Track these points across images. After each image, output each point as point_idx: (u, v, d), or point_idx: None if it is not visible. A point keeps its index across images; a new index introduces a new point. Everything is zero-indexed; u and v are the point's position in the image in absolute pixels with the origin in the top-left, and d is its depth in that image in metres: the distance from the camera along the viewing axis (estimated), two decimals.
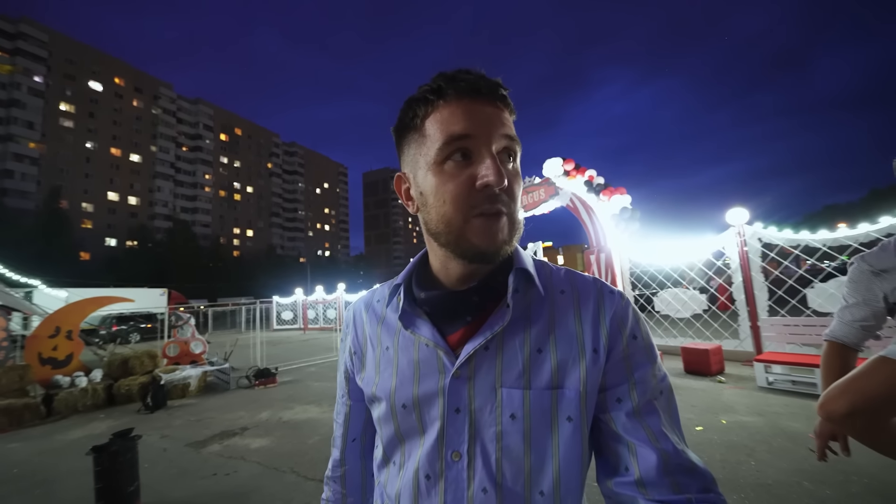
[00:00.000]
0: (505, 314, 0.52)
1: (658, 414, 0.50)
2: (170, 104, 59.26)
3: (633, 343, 0.54)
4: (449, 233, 0.51)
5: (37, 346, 6.41)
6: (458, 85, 0.49)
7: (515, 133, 0.52)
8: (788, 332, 5.23)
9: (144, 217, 53.70)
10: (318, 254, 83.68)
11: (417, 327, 0.57)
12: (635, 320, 0.55)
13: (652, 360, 0.54)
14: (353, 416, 0.69)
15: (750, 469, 2.85)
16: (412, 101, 0.52)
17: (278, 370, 7.47)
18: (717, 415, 4.00)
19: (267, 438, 4.29)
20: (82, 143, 48.69)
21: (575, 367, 0.52)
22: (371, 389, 0.61)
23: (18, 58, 43.52)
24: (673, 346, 6.86)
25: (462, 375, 0.52)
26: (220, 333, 18.89)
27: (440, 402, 0.53)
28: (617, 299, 0.56)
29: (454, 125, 0.48)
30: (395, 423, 0.57)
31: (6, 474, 3.75)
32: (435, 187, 0.50)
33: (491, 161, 0.48)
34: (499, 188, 0.47)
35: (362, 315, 0.67)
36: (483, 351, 0.52)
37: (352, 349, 0.67)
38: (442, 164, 0.50)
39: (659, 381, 0.53)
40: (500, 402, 0.51)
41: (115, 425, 5.07)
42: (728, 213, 6.36)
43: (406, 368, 0.57)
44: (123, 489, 2.78)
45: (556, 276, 0.59)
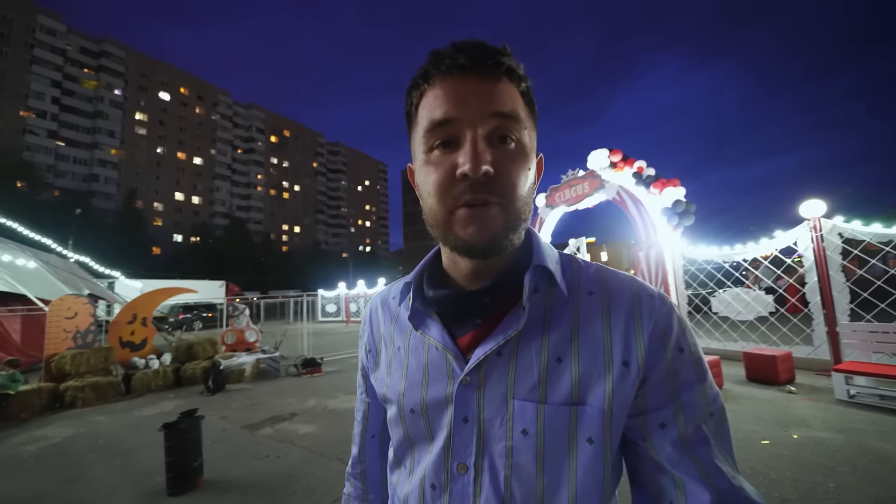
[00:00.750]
0: (520, 317, 0.47)
1: (709, 443, 0.44)
2: (227, 110, 63.86)
3: (680, 357, 0.46)
4: (437, 226, 0.47)
5: (118, 330, 7.21)
6: (441, 62, 0.43)
7: (518, 108, 0.45)
8: (875, 340, 4.60)
9: (205, 215, 58.49)
10: (360, 249, 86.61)
11: (427, 328, 0.53)
12: (681, 329, 0.47)
13: (702, 377, 0.46)
14: (371, 414, 0.68)
15: (828, 492, 2.55)
16: (409, 89, 0.48)
17: (323, 360, 7.83)
18: (786, 428, 3.62)
19: (314, 425, 4.50)
20: (154, 149, 53.88)
21: (599, 382, 0.45)
22: (383, 390, 0.59)
23: (102, 74, 48.92)
24: (733, 351, 6.33)
25: (471, 382, 0.48)
26: (270, 324, 20.18)
27: (448, 410, 0.50)
28: (658, 304, 0.48)
29: (435, 109, 0.44)
30: (403, 428, 0.54)
31: (94, 443, 4.25)
32: (423, 178, 0.47)
33: (470, 147, 0.42)
34: (482, 176, 0.41)
35: (378, 312, 0.65)
36: (495, 357, 0.48)
37: (367, 347, 0.65)
38: (429, 153, 0.46)
39: (710, 401, 0.46)
40: (511, 414, 0.46)
41: (182, 405, 5.59)
42: (802, 206, 5.71)
43: (415, 371, 0.54)
44: (189, 464, 3.04)
45: (585, 274, 0.52)
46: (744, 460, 3.03)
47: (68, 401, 5.77)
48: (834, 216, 5.58)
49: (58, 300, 6.79)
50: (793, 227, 5.87)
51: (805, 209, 5.69)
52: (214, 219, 58.91)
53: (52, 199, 36.37)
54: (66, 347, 6.48)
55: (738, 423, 3.81)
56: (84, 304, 6.95)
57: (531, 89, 0.48)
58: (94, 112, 48.08)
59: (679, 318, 0.48)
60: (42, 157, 42.29)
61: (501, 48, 0.44)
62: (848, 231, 5.35)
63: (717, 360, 5.11)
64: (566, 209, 9.31)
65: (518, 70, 0.45)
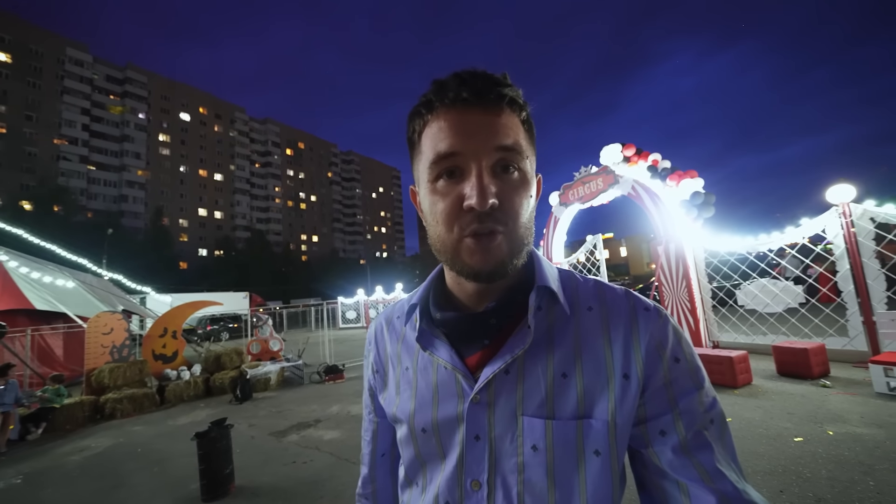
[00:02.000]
0: (526, 336, 0.49)
1: (710, 448, 0.45)
2: (243, 126, 65.96)
3: (676, 367, 0.48)
4: (444, 252, 0.48)
5: (150, 344, 7.55)
6: (445, 94, 0.45)
7: (520, 139, 0.47)
8: None
9: (228, 229, 60.41)
10: (377, 255, 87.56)
11: (435, 348, 0.54)
12: (676, 340, 0.50)
13: (698, 384, 0.48)
14: (380, 433, 0.67)
15: (868, 491, 2.44)
16: (411, 115, 0.50)
17: (345, 366, 7.97)
18: (821, 424, 3.47)
19: (338, 431, 4.60)
20: (177, 168, 56.15)
21: (603, 395, 0.47)
22: (392, 410, 0.59)
23: (126, 99, 51.43)
24: (762, 345, 6.10)
25: (481, 401, 0.50)
26: (293, 332, 20.63)
27: (460, 429, 0.51)
28: (653, 317, 0.50)
29: (440, 143, 0.46)
30: (415, 447, 0.55)
31: (133, 452, 4.47)
32: (430, 206, 0.48)
33: (476, 180, 0.44)
34: (488, 208, 0.43)
35: (384, 332, 0.65)
36: (503, 375, 0.49)
37: (374, 367, 0.66)
38: (434, 182, 0.47)
39: (708, 408, 0.47)
40: (521, 431, 0.48)
41: (212, 414, 5.80)
42: (829, 191, 5.48)
43: (425, 391, 0.55)
44: (221, 471, 3.17)
45: (584, 290, 0.54)
46: (776, 459, 2.93)
47: (108, 412, 6.08)
48: (865, 200, 5.33)
49: (95, 317, 7.18)
50: (821, 213, 5.63)
51: (832, 194, 5.45)
52: (236, 232, 60.78)
53: (86, 220, 38.38)
54: (104, 362, 6.83)
55: (769, 419, 3.68)
56: (119, 319, 7.32)
57: (530, 115, 0.50)
58: (121, 136, 50.55)
59: (674, 329, 0.50)
60: (75, 182, 44.74)
61: (502, 78, 0.46)
62: (880, 215, 5.10)
63: (744, 355, 4.95)
64: (580, 206, 9.20)
65: (519, 99, 0.47)
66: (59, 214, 33.40)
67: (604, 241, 10.86)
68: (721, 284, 6.83)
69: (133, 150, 50.99)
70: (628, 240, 68.11)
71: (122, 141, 50.54)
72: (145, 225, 47.42)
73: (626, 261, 66.80)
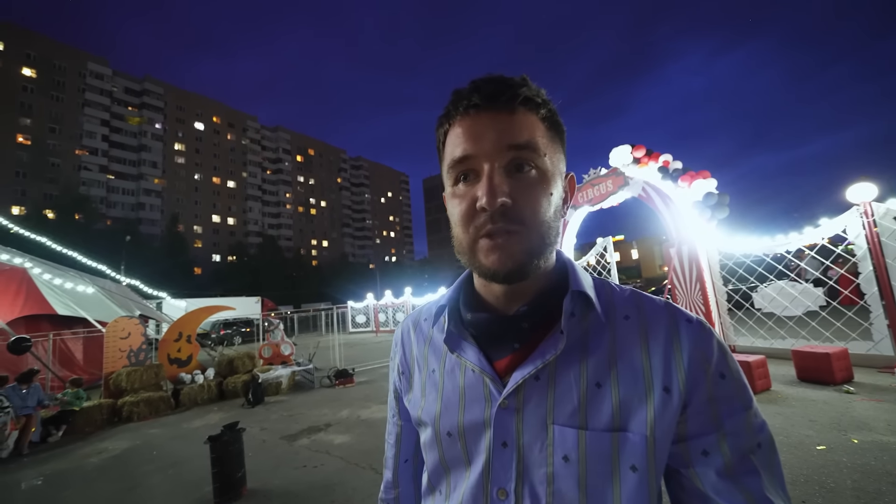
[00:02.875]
0: (558, 341, 0.47)
1: (758, 473, 0.43)
2: (255, 134, 67.31)
3: (721, 383, 0.45)
4: (463, 253, 0.48)
5: (166, 348, 7.70)
6: (460, 102, 0.46)
7: (535, 137, 0.46)
8: None
9: (240, 235, 61.54)
10: (386, 259, 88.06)
11: (463, 350, 0.53)
12: (721, 354, 0.47)
13: (746, 403, 0.45)
14: (404, 437, 0.66)
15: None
16: (436, 126, 0.51)
17: (355, 371, 8.00)
18: (845, 432, 3.35)
19: (348, 435, 4.61)
20: (192, 176, 57.53)
21: (641, 408, 0.45)
22: (417, 413, 0.58)
23: (144, 110, 53.05)
24: (781, 350, 5.92)
25: (510, 406, 0.48)
26: (304, 336, 20.82)
27: (487, 434, 0.49)
28: (696, 329, 0.48)
29: (455, 148, 0.47)
30: (439, 451, 0.54)
31: (149, 455, 4.55)
32: (450, 209, 0.49)
33: (486, 181, 0.44)
34: (499, 207, 0.43)
35: (410, 334, 0.65)
36: (533, 381, 0.48)
37: (399, 369, 0.65)
38: (454, 186, 0.48)
39: (756, 430, 0.44)
40: (551, 440, 0.46)
41: (225, 417, 5.88)
42: (849, 189, 5.32)
43: (451, 394, 0.54)
44: (234, 474, 3.20)
45: (620, 298, 0.52)
46: (797, 468, 2.83)
47: (125, 415, 6.21)
48: (888, 199, 5.16)
49: (113, 322, 7.36)
50: (841, 213, 5.47)
51: (853, 193, 5.29)
52: (248, 238, 61.83)
53: (106, 228, 39.53)
54: (121, 365, 6.99)
55: (791, 427, 3.57)
56: (136, 324, 7.49)
57: (555, 112, 0.49)
58: (139, 146, 52.08)
59: (719, 343, 0.48)
60: (95, 191, 46.19)
61: (519, 80, 0.46)
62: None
63: (762, 360, 4.81)
64: (590, 208, 9.11)
65: (536, 98, 0.46)
66: (80, 222, 34.46)
67: (614, 244, 10.72)
68: (737, 287, 6.67)
69: (150, 159, 52.45)
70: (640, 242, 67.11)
71: (140, 150, 52.05)
72: (161, 231, 48.58)
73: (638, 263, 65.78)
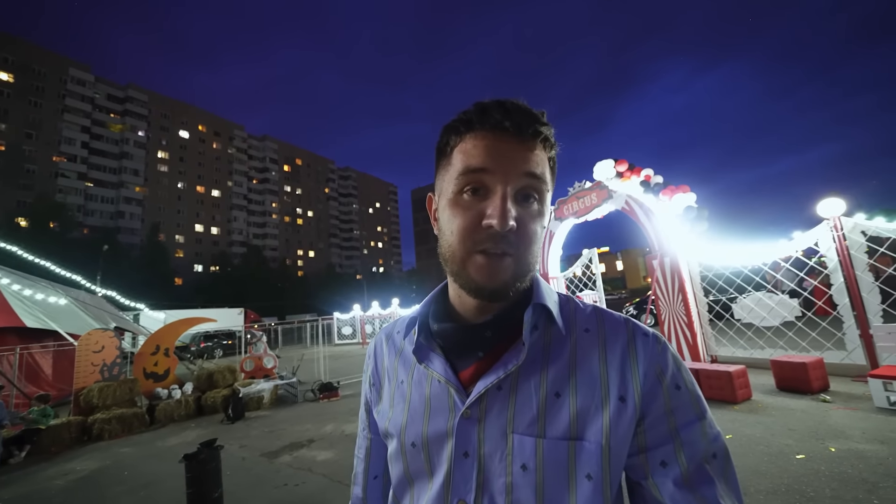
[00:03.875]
0: (520, 352, 0.49)
1: (713, 482, 0.44)
2: (242, 143, 66.64)
3: (677, 395, 0.47)
4: (453, 263, 0.49)
5: (142, 362, 7.41)
6: (487, 118, 0.47)
7: (546, 171, 0.49)
8: None
9: (224, 245, 60.27)
10: (373, 270, 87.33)
11: (431, 361, 0.54)
12: (676, 367, 0.49)
13: (701, 414, 0.47)
14: (374, 452, 0.66)
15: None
16: (447, 128, 0.51)
17: (340, 384, 7.83)
18: (822, 441, 3.43)
19: (331, 451, 4.48)
20: (175, 184, 56.38)
21: (597, 416, 0.46)
22: (385, 424, 0.58)
23: (127, 117, 52.04)
24: (760, 359, 6.06)
25: (472, 416, 0.49)
26: (288, 348, 20.33)
27: (449, 444, 0.50)
28: (651, 342, 0.49)
29: (473, 158, 0.47)
30: (404, 463, 0.54)
31: (120, 476, 4.33)
32: (448, 217, 0.49)
33: (500, 201, 0.45)
34: (507, 230, 0.44)
35: (383, 346, 0.66)
36: (495, 390, 0.49)
37: (371, 381, 0.65)
38: (458, 195, 0.48)
39: (711, 440, 0.46)
40: (510, 449, 0.47)
41: (203, 434, 5.65)
42: (820, 205, 5.56)
43: (418, 404, 0.55)
44: (210, 494, 3.06)
45: (582, 313, 0.54)
46: (778, 477, 2.88)
47: (96, 433, 5.91)
48: (855, 213, 5.40)
49: (86, 335, 7.06)
50: (813, 227, 5.70)
51: (823, 208, 5.53)
52: (232, 248, 60.60)
53: (82, 236, 38.22)
54: (93, 381, 6.68)
55: (771, 436, 3.63)
56: (111, 337, 7.19)
57: (557, 155, 0.52)
58: (120, 153, 50.89)
59: (674, 356, 0.50)
60: (73, 198, 44.72)
61: (540, 115, 0.48)
62: (871, 228, 5.16)
63: (743, 370, 4.92)
64: (575, 221, 9.27)
65: (551, 138, 0.49)
66: (54, 231, 33.26)
67: (599, 255, 10.89)
68: (717, 298, 6.84)
69: (132, 166, 51.27)
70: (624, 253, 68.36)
71: (121, 158, 50.85)
72: (141, 241, 47.24)
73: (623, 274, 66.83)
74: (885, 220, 5.09)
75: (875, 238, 5.19)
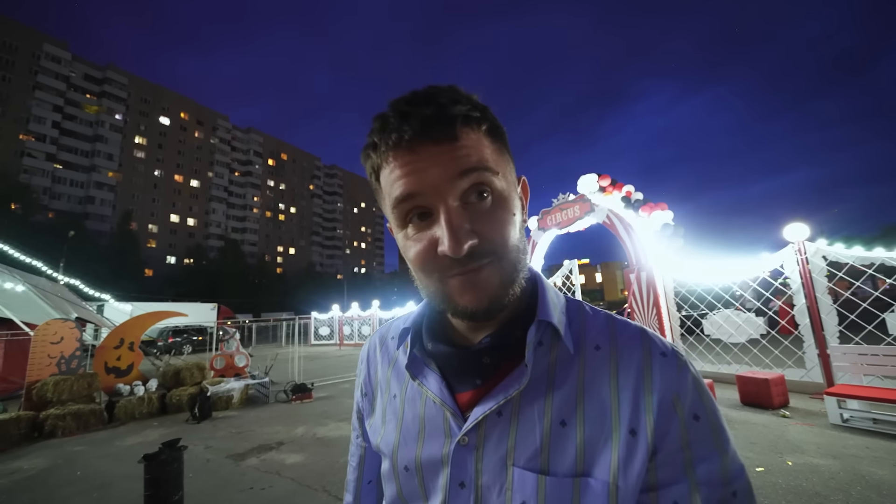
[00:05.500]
0: (522, 375, 0.44)
1: None
2: (225, 134, 64.95)
3: (695, 426, 0.41)
4: (432, 296, 0.44)
5: (104, 355, 7.05)
6: (388, 135, 0.40)
7: (484, 154, 0.41)
8: (866, 363, 4.63)
9: (200, 237, 58.30)
10: (355, 271, 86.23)
11: (425, 378, 0.50)
12: (697, 393, 0.42)
13: (723, 449, 0.41)
14: (368, 459, 0.62)
15: None
16: (362, 157, 0.45)
17: (314, 385, 7.66)
18: (781, 455, 3.58)
19: (301, 454, 4.37)
20: (151, 172, 54.31)
21: (605, 451, 0.41)
22: (376, 441, 0.55)
23: (104, 99, 49.90)
24: (727, 374, 6.30)
25: (469, 443, 0.45)
26: (262, 347, 19.78)
27: (444, 472, 0.46)
28: (670, 364, 0.43)
29: (395, 187, 0.41)
30: (397, 485, 0.50)
31: (71, 476, 4.09)
32: (405, 249, 0.44)
33: (446, 224, 0.39)
34: (467, 248, 0.39)
35: (376, 353, 0.61)
36: (495, 417, 0.44)
37: (363, 389, 0.62)
38: (403, 227, 0.43)
39: (732, 478, 0.40)
40: (510, 483, 0.42)
41: (166, 434, 5.41)
42: (785, 229, 5.85)
43: (411, 425, 0.51)
44: (170, 498, 2.92)
45: (593, 325, 0.48)
46: None
47: (48, 430, 5.56)
48: (818, 238, 5.72)
49: (44, 324, 6.67)
50: (780, 249, 5.99)
51: (789, 232, 5.82)
52: (209, 241, 58.70)
53: (46, 220, 36.20)
54: (49, 374, 6.31)
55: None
56: (71, 328, 6.82)
57: (494, 120, 0.43)
58: (94, 136, 48.68)
59: (695, 379, 0.43)
60: (39, 180, 42.44)
61: (450, 94, 0.40)
62: (831, 254, 5.47)
63: (710, 385, 5.09)
64: (558, 232, 9.45)
65: (473, 113, 0.41)
66: (16, 213, 31.38)
67: (580, 267, 11.12)
68: (689, 313, 7.08)
69: (106, 150, 49.09)
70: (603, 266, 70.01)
71: (95, 141, 48.66)
72: (112, 229, 45.17)
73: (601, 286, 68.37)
74: (845, 247, 5.40)
75: (834, 263, 5.50)
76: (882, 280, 5.28)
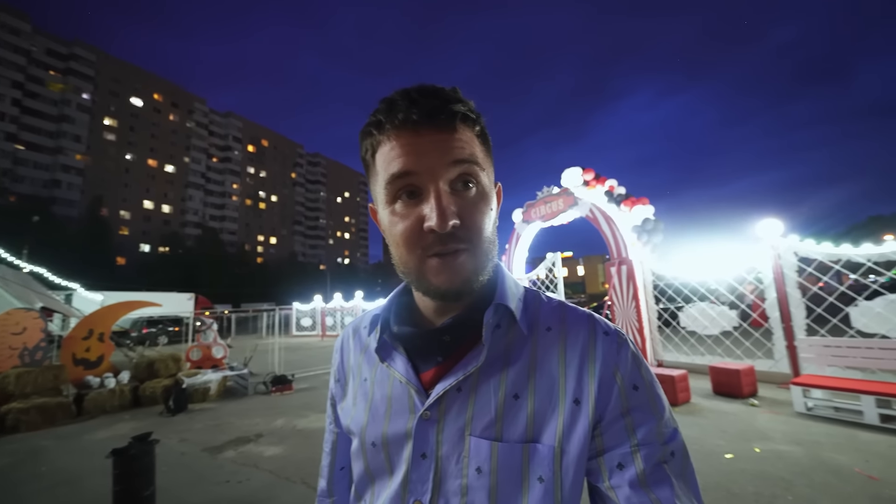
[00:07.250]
0: (480, 353, 0.48)
1: (670, 482, 0.43)
2: (203, 118, 62.37)
3: (634, 395, 0.46)
4: (408, 273, 0.48)
5: (72, 346, 6.74)
6: (394, 115, 0.44)
7: (476, 151, 0.46)
8: (830, 354, 4.87)
9: (176, 225, 56.24)
10: (338, 261, 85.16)
11: (393, 360, 0.54)
12: (635, 365, 0.48)
13: (658, 414, 0.46)
14: (340, 445, 0.65)
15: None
16: (362, 134, 0.49)
17: (295, 377, 7.56)
18: (749, 442, 3.73)
19: (280, 446, 4.31)
20: (123, 155, 51.75)
21: (552, 419, 0.46)
22: (347, 421, 0.58)
23: (70, 77, 46.99)
24: (701, 365, 6.52)
25: (431, 417, 0.49)
26: (242, 338, 19.38)
27: (408, 445, 0.49)
28: (612, 341, 0.49)
29: (393, 163, 0.45)
30: (364, 461, 0.54)
31: (35, 471, 3.91)
32: (389, 227, 0.48)
33: (435, 202, 0.43)
34: (449, 228, 0.42)
35: (349, 341, 0.65)
36: (455, 392, 0.48)
37: (336, 376, 0.65)
38: (392, 203, 0.47)
39: (668, 439, 0.45)
40: (467, 451, 0.46)
41: (138, 427, 5.24)
42: (759, 225, 6.05)
43: (379, 404, 0.54)
44: (140, 493, 2.83)
45: (545, 310, 0.53)
46: (708, 475, 3.09)
47: (10, 425, 5.30)
48: (790, 235, 5.94)
49: (4, 314, 6.32)
50: (754, 244, 6.19)
51: (762, 228, 6.02)
52: (186, 228, 56.71)
53: (8, 204, 34.20)
54: (10, 366, 6.00)
55: (705, 437, 3.91)
56: (35, 318, 6.49)
57: (485, 126, 0.49)
58: (59, 116, 45.91)
59: (633, 354, 0.49)
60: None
61: (453, 93, 0.45)
62: (802, 250, 5.69)
63: (684, 375, 5.26)
64: (542, 224, 9.51)
65: (471, 114, 0.46)
66: None
67: (563, 260, 11.26)
68: (666, 306, 7.27)
69: (72, 131, 46.40)
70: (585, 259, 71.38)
71: (61, 121, 45.88)
72: (80, 214, 43.01)
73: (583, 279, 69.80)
74: (815, 243, 5.63)
75: (805, 259, 5.73)
76: (846, 275, 5.53)
